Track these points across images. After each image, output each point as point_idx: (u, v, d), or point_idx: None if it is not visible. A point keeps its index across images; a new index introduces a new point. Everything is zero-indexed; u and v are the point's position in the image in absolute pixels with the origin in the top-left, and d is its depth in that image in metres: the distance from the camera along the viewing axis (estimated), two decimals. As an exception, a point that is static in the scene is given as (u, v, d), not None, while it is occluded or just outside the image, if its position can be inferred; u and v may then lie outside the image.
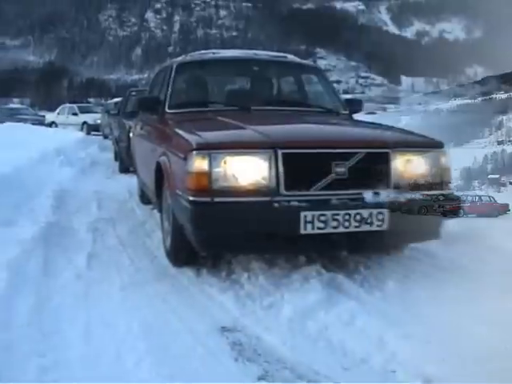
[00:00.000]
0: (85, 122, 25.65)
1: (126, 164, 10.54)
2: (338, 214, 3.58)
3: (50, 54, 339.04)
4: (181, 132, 4.25)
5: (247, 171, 3.64)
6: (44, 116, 31.38)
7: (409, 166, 3.95)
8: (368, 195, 3.70)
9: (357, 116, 5.62)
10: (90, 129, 24.65)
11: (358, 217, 3.62)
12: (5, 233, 4.83)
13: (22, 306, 3.43)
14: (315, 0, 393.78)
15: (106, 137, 19.73)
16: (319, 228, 3.56)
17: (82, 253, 4.65)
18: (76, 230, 5.50)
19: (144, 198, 6.82)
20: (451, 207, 4.07)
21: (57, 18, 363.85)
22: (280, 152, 3.63)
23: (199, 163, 3.60)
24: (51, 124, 27.89)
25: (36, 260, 4.40)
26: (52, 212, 6.16)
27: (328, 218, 3.57)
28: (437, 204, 3.99)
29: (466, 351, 2.84)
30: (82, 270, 4.24)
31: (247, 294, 3.72)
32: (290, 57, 6.15)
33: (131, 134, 8.09)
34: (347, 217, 3.60)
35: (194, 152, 3.64)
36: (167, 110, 5.07)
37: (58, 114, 29.04)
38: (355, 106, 5.66)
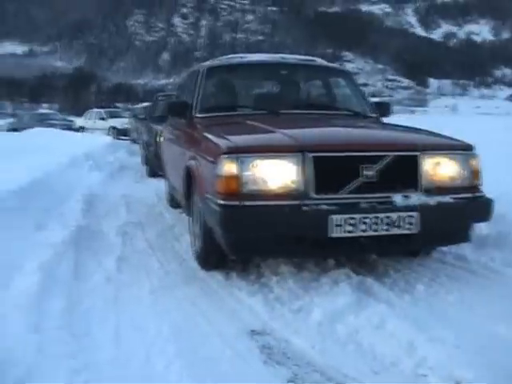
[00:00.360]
0: (113, 127, 25.83)
1: (154, 168, 10.58)
2: (367, 218, 3.57)
3: (78, 59, 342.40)
4: (210, 136, 4.26)
5: (276, 175, 3.64)
6: (72, 121, 31.74)
7: (438, 168, 3.92)
8: (397, 198, 3.68)
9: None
10: (119, 133, 24.81)
11: (387, 220, 3.60)
12: (36, 236, 4.89)
13: (54, 308, 3.46)
14: (341, 3, 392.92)
15: (134, 141, 19.83)
16: (348, 231, 3.55)
17: (111, 256, 4.70)
18: (105, 234, 5.55)
19: (172, 202, 6.85)
20: (481, 210, 4.04)
21: (84, 24, 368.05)
22: (309, 155, 3.63)
23: (229, 167, 3.61)
24: (79, 129, 28.17)
25: (67, 263, 4.44)
26: (82, 216, 6.22)
27: (357, 221, 3.55)
28: (467, 207, 3.96)
29: (497, 357, 2.82)
30: (111, 273, 4.28)
31: (276, 297, 3.72)
32: (318, 60, 6.12)
33: (159, 139, 8.13)
34: (376, 220, 3.58)
35: (224, 156, 3.65)
36: (196, 115, 5.09)
37: (87, 119, 29.33)
38: (383, 109, 5.62)
